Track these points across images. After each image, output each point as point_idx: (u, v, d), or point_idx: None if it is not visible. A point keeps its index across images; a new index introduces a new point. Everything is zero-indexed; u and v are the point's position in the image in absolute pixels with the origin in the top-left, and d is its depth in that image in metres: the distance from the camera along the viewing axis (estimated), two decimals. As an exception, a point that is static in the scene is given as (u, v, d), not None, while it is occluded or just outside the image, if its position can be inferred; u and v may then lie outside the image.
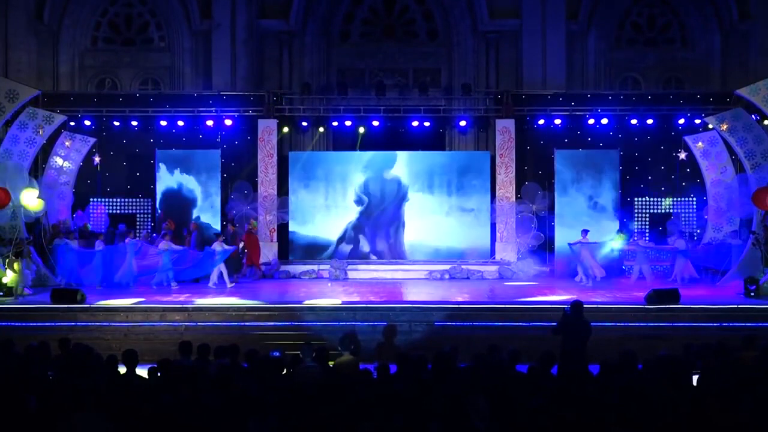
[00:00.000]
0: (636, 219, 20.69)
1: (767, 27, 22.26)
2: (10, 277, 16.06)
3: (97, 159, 20.50)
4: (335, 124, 20.96)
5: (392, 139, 21.09)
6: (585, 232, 18.17)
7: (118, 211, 20.93)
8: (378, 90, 21.47)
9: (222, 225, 20.15)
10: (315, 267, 19.92)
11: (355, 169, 20.87)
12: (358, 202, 20.86)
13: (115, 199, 21.06)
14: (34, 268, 17.22)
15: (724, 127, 17.59)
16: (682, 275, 17.94)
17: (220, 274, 17.44)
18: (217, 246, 17.47)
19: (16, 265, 16.33)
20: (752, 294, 15.29)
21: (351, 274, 19.60)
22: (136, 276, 17.31)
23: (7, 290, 15.75)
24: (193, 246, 18.57)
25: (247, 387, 7.08)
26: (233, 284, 17.52)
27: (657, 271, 19.12)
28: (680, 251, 18.07)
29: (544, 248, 20.01)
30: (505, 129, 20.17)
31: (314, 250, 20.62)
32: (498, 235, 20.11)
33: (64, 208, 19.42)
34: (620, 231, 18.81)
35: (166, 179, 20.45)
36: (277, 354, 9.20)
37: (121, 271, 17.19)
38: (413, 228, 20.77)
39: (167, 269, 17.23)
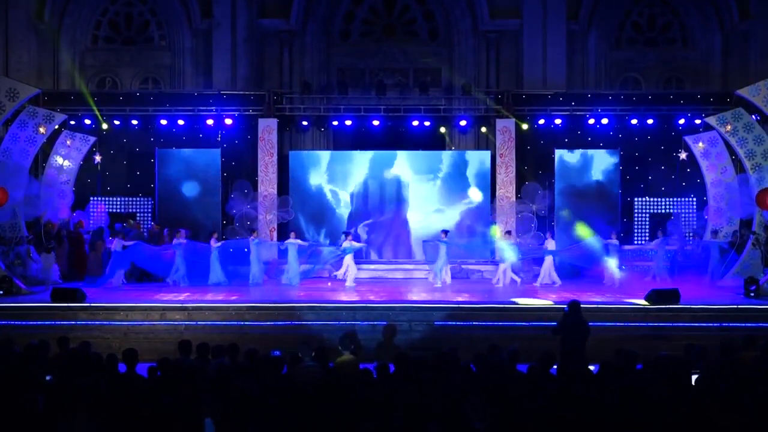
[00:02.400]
0: (636, 219, 20.67)
1: (767, 27, 22.24)
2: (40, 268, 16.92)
3: (97, 158, 20.49)
4: (335, 123, 20.96)
5: (392, 138, 21.11)
6: (445, 232, 18.30)
7: (118, 210, 20.91)
8: (378, 89, 21.47)
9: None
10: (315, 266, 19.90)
11: (356, 169, 20.86)
12: (358, 201, 20.84)
13: (115, 198, 21.05)
14: (35, 266, 17.25)
15: (728, 128, 17.60)
16: (712, 275, 17.68)
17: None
18: (347, 243, 17.84)
19: (48, 259, 17.04)
20: (752, 294, 15.30)
21: (351, 274, 19.58)
22: (264, 274, 17.65)
23: (7, 288, 15.78)
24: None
25: (247, 387, 7.07)
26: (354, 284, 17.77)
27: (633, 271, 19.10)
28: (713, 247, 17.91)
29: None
30: (505, 129, 20.16)
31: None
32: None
33: (64, 207, 19.42)
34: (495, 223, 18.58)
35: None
36: (277, 353, 9.19)
37: (252, 271, 17.61)
38: (413, 227, 20.77)
39: (296, 267, 17.52)
